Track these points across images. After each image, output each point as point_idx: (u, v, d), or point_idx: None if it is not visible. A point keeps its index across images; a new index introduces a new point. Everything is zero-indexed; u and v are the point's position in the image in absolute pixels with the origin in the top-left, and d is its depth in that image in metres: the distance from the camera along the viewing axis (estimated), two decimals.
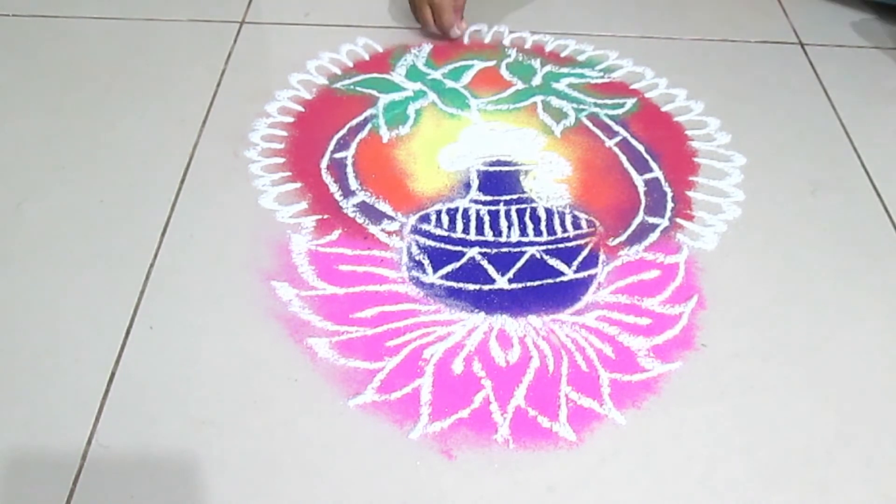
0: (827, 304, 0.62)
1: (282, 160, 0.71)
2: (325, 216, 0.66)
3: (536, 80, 0.81)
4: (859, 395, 0.56)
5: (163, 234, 0.64)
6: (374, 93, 0.78)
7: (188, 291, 0.60)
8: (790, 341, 0.59)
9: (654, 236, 0.66)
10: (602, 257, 0.64)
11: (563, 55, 0.84)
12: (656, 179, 0.71)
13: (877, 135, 0.77)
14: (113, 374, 0.55)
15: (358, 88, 0.79)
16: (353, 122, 0.75)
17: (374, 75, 0.81)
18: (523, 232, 0.65)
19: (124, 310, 0.59)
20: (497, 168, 0.71)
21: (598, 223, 0.67)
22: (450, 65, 0.82)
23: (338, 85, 0.79)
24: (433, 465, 0.51)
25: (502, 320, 0.59)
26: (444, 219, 0.66)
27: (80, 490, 0.49)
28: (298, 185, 0.69)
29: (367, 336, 0.58)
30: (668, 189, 0.70)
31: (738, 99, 0.80)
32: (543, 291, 0.61)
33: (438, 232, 0.65)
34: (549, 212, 0.67)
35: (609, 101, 0.79)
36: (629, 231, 0.67)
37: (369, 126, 0.75)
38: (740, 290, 0.63)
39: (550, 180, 0.70)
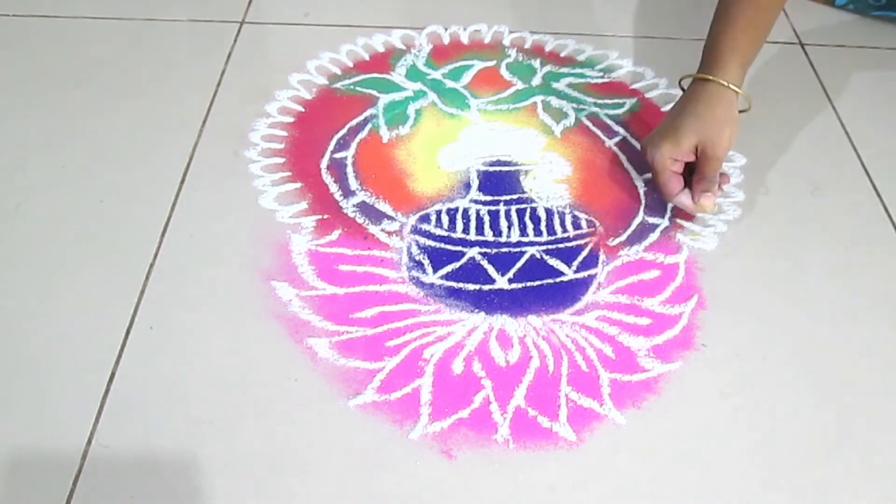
0: (827, 303, 0.62)
1: (282, 160, 0.71)
2: (325, 216, 0.66)
3: (536, 80, 0.81)
4: (859, 395, 0.56)
5: (163, 234, 0.64)
6: (374, 93, 0.78)
7: (188, 291, 0.60)
8: (790, 341, 0.59)
9: (654, 236, 0.66)
10: (602, 257, 0.64)
11: (563, 55, 0.84)
12: None
13: (877, 135, 0.77)
14: (113, 374, 0.55)
15: (358, 88, 0.79)
16: (353, 122, 0.75)
17: (374, 75, 0.81)
18: (523, 232, 0.65)
19: (124, 310, 0.59)
20: (497, 168, 0.71)
21: (598, 223, 0.67)
22: (450, 65, 0.82)
23: (338, 85, 0.79)
24: (433, 465, 0.51)
25: (502, 320, 0.59)
26: (444, 219, 0.66)
27: (80, 490, 0.49)
28: (298, 185, 0.69)
29: (367, 336, 0.58)
30: None
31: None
32: (543, 291, 0.61)
33: (438, 232, 0.65)
34: (549, 212, 0.67)
35: (609, 101, 0.79)
36: (629, 231, 0.67)
37: (369, 126, 0.75)
38: (740, 290, 0.63)
39: (550, 180, 0.70)
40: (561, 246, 0.65)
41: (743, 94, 0.64)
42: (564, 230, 0.66)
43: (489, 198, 0.68)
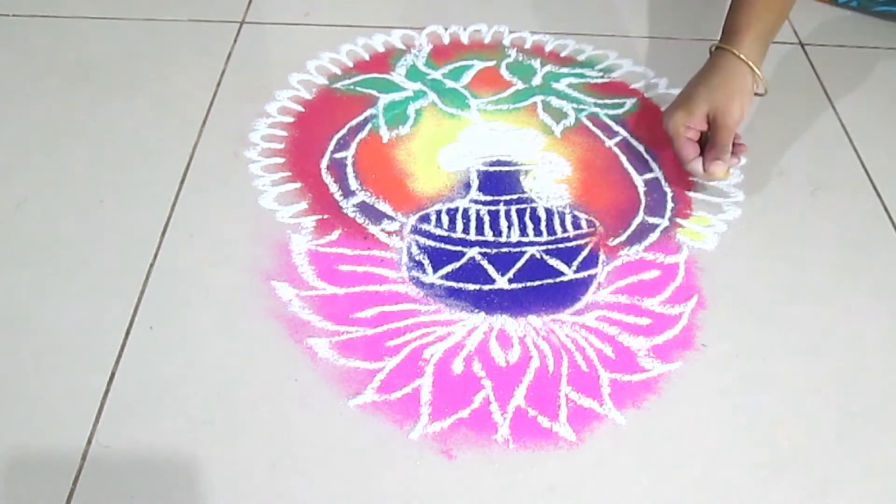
0: (827, 303, 0.62)
1: (282, 160, 0.71)
2: (325, 216, 0.66)
3: (536, 80, 0.81)
4: (859, 395, 0.56)
5: (163, 234, 0.64)
6: (374, 93, 0.78)
7: (188, 291, 0.60)
8: (790, 341, 0.59)
9: (654, 236, 0.66)
10: (602, 257, 0.64)
11: (563, 55, 0.84)
12: (656, 179, 0.71)
13: (877, 135, 0.77)
14: (113, 374, 0.55)
15: (358, 88, 0.79)
16: (353, 122, 0.75)
17: (374, 75, 0.81)
18: (523, 232, 0.65)
19: (124, 310, 0.59)
20: (497, 168, 0.71)
21: (598, 223, 0.67)
22: (450, 65, 0.82)
23: (338, 85, 0.79)
24: (433, 465, 0.51)
25: (502, 320, 0.59)
26: (444, 219, 0.66)
27: (80, 490, 0.49)
28: (298, 185, 0.69)
29: (367, 336, 0.58)
30: (668, 189, 0.70)
31: None
32: (543, 291, 0.61)
33: (438, 232, 0.65)
34: (549, 212, 0.67)
35: (609, 101, 0.79)
36: (629, 231, 0.67)
37: (369, 126, 0.75)
38: (740, 290, 0.63)
39: (550, 180, 0.70)
40: (561, 246, 0.65)
41: (758, 73, 0.65)
42: (564, 230, 0.66)
43: (489, 198, 0.68)
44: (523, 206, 0.68)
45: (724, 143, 0.65)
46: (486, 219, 0.66)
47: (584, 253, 0.64)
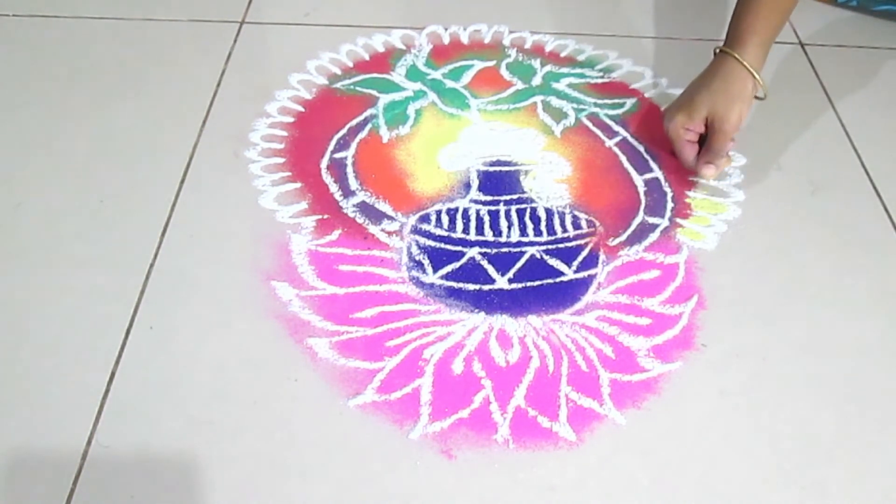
0: (827, 303, 0.62)
1: (282, 160, 0.71)
2: (325, 216, 0.66)
3: (536, 80, 0.81)
4: (859, 395, 0.56)
5: (163, 234, 0.64)
6: (374, 93, 0.78)
7: (188, 291, 0.60)
8: (790, 341, 0.59)
9: (654, 236, 0.66)
10: (602, 257, 0.64)
11: (563, 55, 0.84)
12: (656, 179, 0.71)
13: (877, 135, 0.77)
14: (113, 374, 0.55)
15: (358, 88, 0.79)
16: (353, 122, 0.75)
17: (374, 75, 0.81)
18: (523, 232, 0.65)
19: (124, 310, 0.59)
20: (497, 168, 0.71)
21: (598, 223, 0.67)
22: (450, 65, 0.82)
23: (338, 85, 0.79)
24: (433, 465, 0.51)
25: (502, 320, 0.59)
26: (444, 219, 0.66)
27: (80, 490, 0.49)
28: (298, 185, 0.69)
29: (367, 336, 0.58)
30: (668, 189, 0.70)
31: None
32: (543, 291, 0.61)
33: (438, 232, 0.65)
34: (549, 212, 0.67)
35: (609, 101, 0.79)
36: (629, 231, 0.67)
37: (369, 126, 0.75)
38: (740, 290, 0.63)
39: (550, 180, 0.70)
40: (561, 246, 0.65)
41: (759, 79, 0.66)
42: (564, 230, 0.66)
43: (489, 198, 0.68)
44: (523, 206, 0.68)
45: (718, 148, 0.67)
46: (486, 219, 0.66)
47: (584, 253, 0.64)
